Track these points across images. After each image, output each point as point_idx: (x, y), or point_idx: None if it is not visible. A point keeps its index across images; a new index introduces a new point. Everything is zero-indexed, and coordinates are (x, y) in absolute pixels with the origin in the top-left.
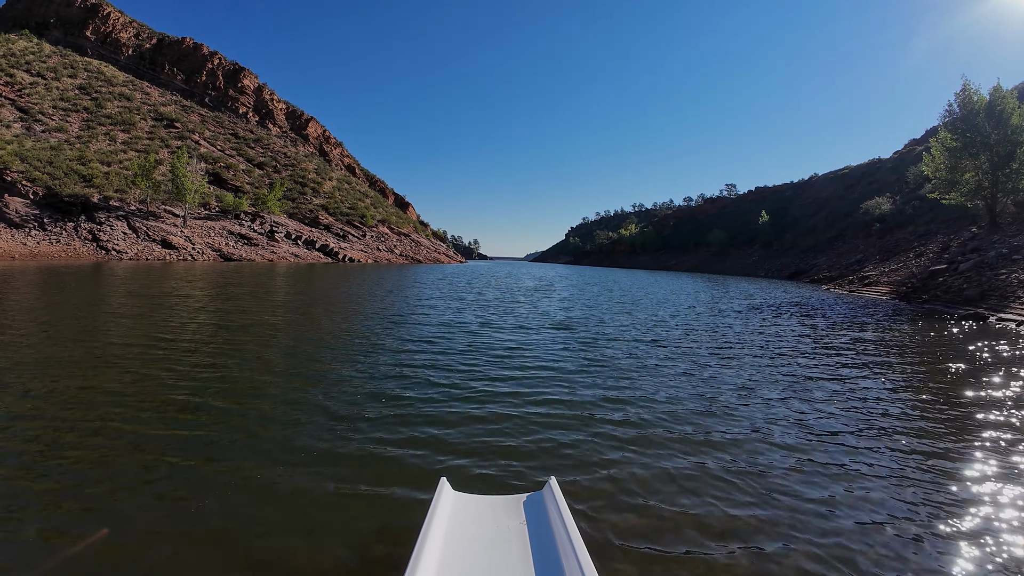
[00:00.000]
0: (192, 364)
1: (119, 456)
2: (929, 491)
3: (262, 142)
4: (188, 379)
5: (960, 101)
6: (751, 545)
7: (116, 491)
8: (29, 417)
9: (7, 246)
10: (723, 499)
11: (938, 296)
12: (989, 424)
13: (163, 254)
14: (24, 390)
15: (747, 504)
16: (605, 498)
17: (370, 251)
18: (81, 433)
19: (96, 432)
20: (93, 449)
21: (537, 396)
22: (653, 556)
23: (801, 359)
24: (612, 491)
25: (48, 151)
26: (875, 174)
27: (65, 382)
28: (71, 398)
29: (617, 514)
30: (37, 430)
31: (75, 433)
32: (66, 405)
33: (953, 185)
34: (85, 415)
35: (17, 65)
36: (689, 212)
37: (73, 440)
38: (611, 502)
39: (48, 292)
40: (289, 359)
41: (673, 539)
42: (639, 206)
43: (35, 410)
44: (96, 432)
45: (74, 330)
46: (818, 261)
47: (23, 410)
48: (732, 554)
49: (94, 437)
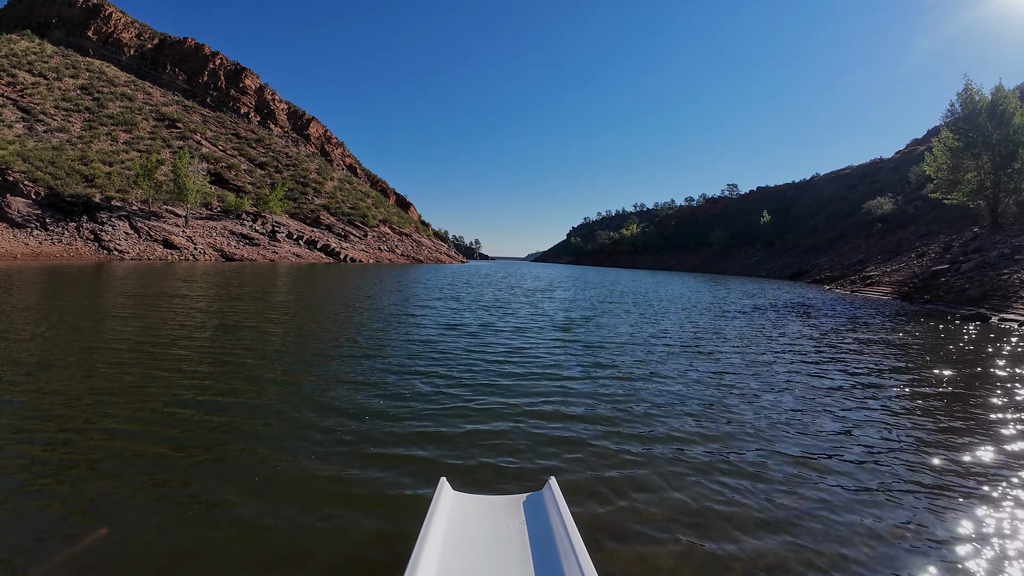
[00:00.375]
0: (191, 364)
1: (117, 455)
2: (946, 495)
3: (264, 142)
4: (188, 379)
5: (962, 101)
6: (752, 545)
7: (115, 491)
8: (29, 417)
9: (9, 246)
10: (724, 500)
11: (940, 296)
12: (996, 423)
13: (165, 254)
14: (25, 391)
15: (748, 505)
16: (605, 498)
17: (371, 251)
18: (80, 432)
19: (96, 431)
20: (93, 448)
21: (537, 396)
22: (653, 557)
23: (805, 360)
24: (612, 491)
25: (50, 151)
26: (877, 174)
27: (65, 382)
28: (72, 398)
29: (617, 514)
30: (37, 429)
31: (75, 433)
32: (67, 405)
33: (955, 185)
34: (85, 414)
35: (19, 65)
36: (691, 212)
37: (72, 441)
38: (611, 502)
39: (48, 292)
40: (289, 360)
41: (673, 539)
42: (640, 206)
43: (35, 410)
44: (96, 431)
45: (71, 329)
46: (820, 261)
47: (23, 410)
48: (733, 554)
49: (94, 436)
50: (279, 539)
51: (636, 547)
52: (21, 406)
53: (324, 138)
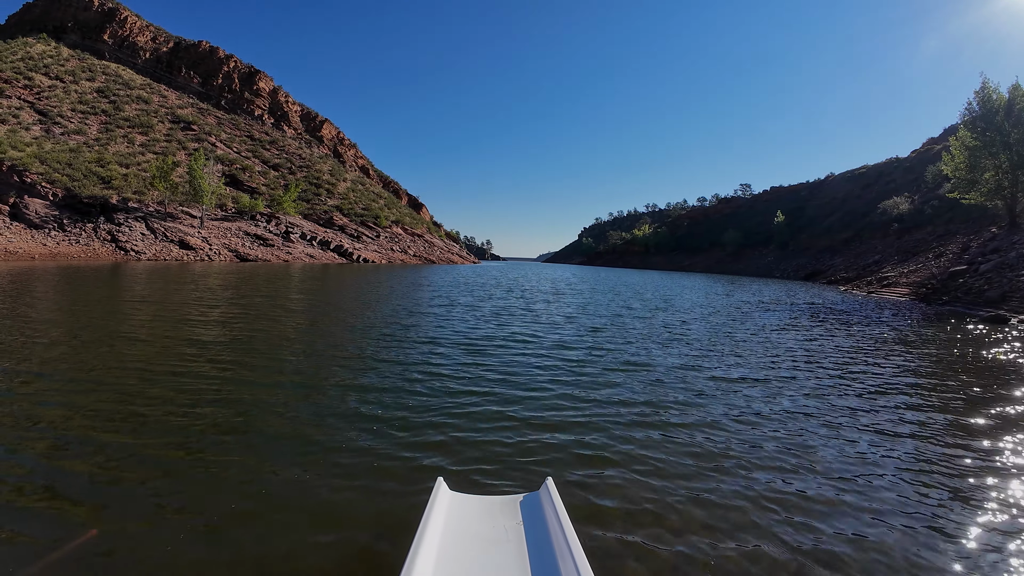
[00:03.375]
0: (192, 365)
1: (117, 454)
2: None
3: (277, 144)
4: (185, 379)
5: (979, 100)
6: (752, 545)
7: (113, 490)
8: (28, 417)
9: (27, 246)
10: (725, 501)
11: (958, 298)
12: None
13: (181, 254)
14: (24, 390)
15: (746, 507)
16: (603, 499)
17: (384, 251)
18: (79, 434)
19: (95, 431)
20: (92, 449)
21: (538, 397)
22: (652, 557)
23: (827, 364)
24: (610, 492)
25: (67, 153)
26: (892, 173)
27: (67, 382)
28: (74, 398)
29: (614, 515)
30: (35, 431)
31: (73, 434)
32: (67, 404)
33: (973, 184)
34: (87, 415)
35: (35, 68)
36: (703, 212)
37: (72, 440)
38: (609, 503)
39: (65, 292)
40: (291, 360)
41: (672, 540)
42: (652, 206)
43: (34, 412)
44: (95, 431)
45: (68, 330)
46: (835, 262)
47: (23, 410)
48: (734, 555)
49: (93, 436)
50: (275, 539)
51: (635, 548)
52: (21, 406)
53: (337, 139)
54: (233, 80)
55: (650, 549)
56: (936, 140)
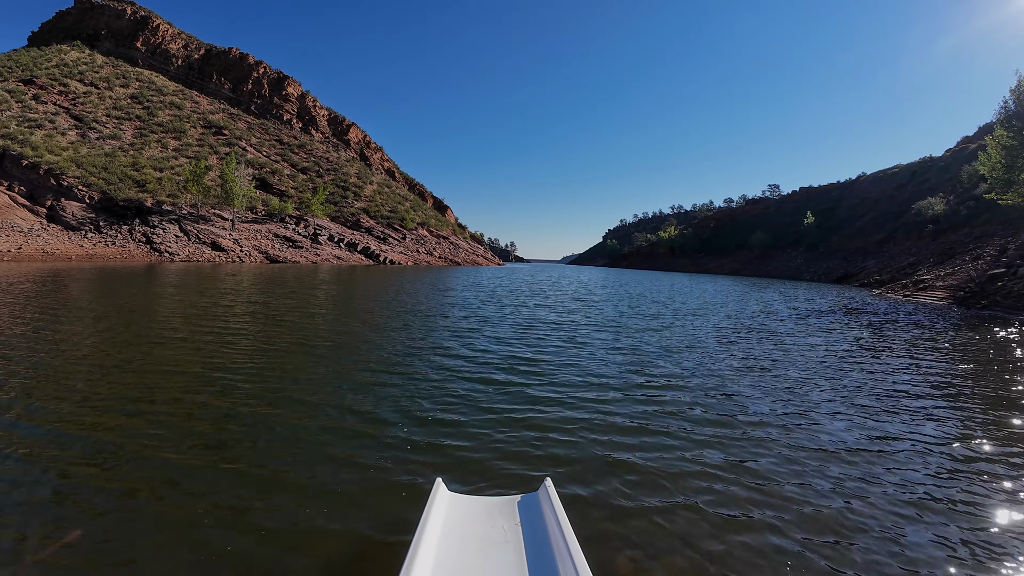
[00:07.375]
0: (193, 364)
1: (115, 453)
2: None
3: (305, 148)
4: (186, 379)
5: (1015, 97)
6: (753, 545)
7: (110, 490)
8: (27, 417)
9: (64, 247)
10: (725, 502)
11: (998, 301)
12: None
13: (213, 256)
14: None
15: (747, 505)
16: (602, 499)
17: (410, 253)
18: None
19: (95, 430)
20: (92, 448)
21: (538, 397)
22: (651, 557)
23: (870, 370)
24: (609, 493)
25: (103, 157)
26: (927, 173)
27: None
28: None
29: (613, 516)
30: (36, 431)
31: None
32: (68, 406)
33: (1010, 185)
34: (87, 415)
35: (71, 75)
36: (730, 214)
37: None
38: (608, 504)
39: (95, 292)
40: (295, 361)
41: (672, 540)
42: (678, 207)
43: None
44: (95, 430)
45: (68, 330)
46: (867, 264)
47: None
48: (734, 555)
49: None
50: (274, 539)
51: (634, 548)
52: (20, 407)
53: (363, 143)
54: (262, 86)
55: (653, 550)
56: (971, 139)
